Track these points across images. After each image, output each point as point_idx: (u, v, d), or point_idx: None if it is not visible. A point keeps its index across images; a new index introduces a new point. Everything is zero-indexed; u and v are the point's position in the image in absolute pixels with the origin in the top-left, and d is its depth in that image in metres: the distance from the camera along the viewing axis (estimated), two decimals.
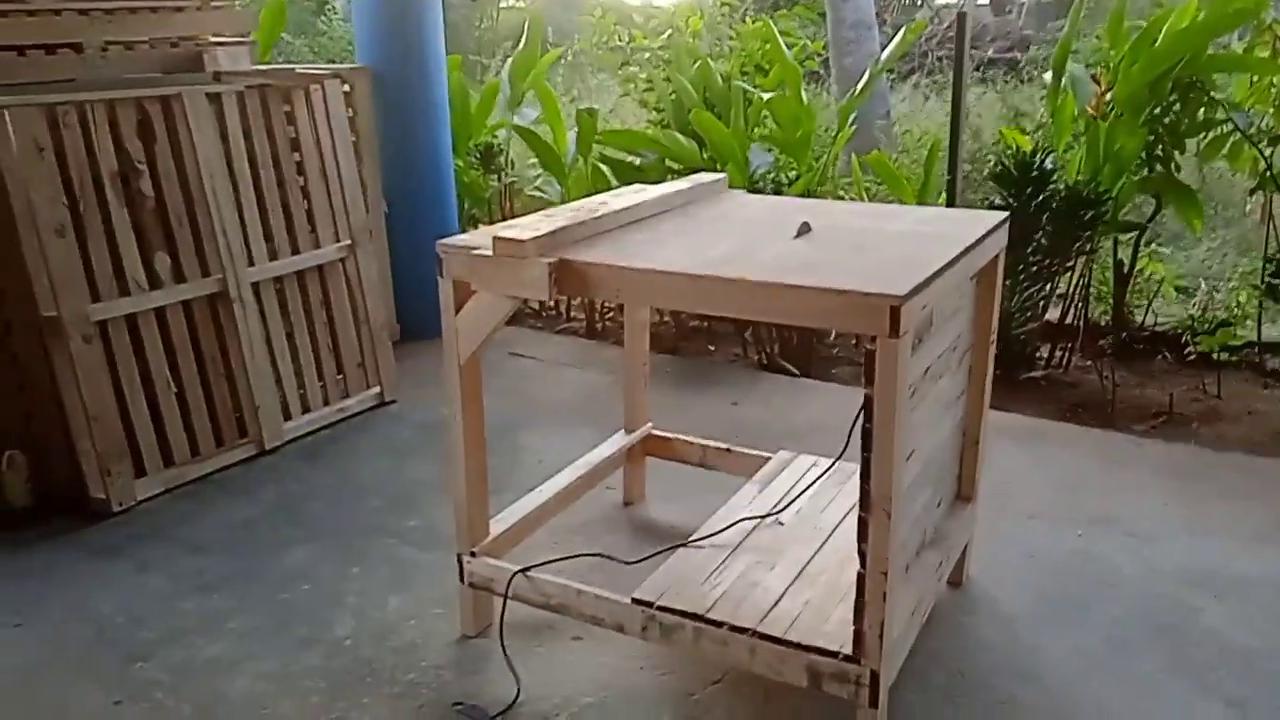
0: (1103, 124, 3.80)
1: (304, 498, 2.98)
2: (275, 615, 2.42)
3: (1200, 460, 3.19)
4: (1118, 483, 3.02)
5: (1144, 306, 4.28)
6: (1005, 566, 2.55)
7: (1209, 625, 2.31)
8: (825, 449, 2.75)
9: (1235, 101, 3.85)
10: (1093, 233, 3.78)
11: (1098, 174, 3.79)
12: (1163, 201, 3.98)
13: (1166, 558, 2.59)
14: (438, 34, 4.09)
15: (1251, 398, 3.79)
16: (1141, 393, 3.85)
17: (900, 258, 1.90)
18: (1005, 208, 3.74)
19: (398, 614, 2.41)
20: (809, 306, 1.73)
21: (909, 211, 2.39)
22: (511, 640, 2.24)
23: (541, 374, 3.97)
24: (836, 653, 1.87)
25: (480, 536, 2.29)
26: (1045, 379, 3.94)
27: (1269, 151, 3.79)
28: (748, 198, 2.60)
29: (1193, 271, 4.80)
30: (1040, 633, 2.29)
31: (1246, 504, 2.87)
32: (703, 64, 4.15)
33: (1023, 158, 3.70)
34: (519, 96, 4.85)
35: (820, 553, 2.23)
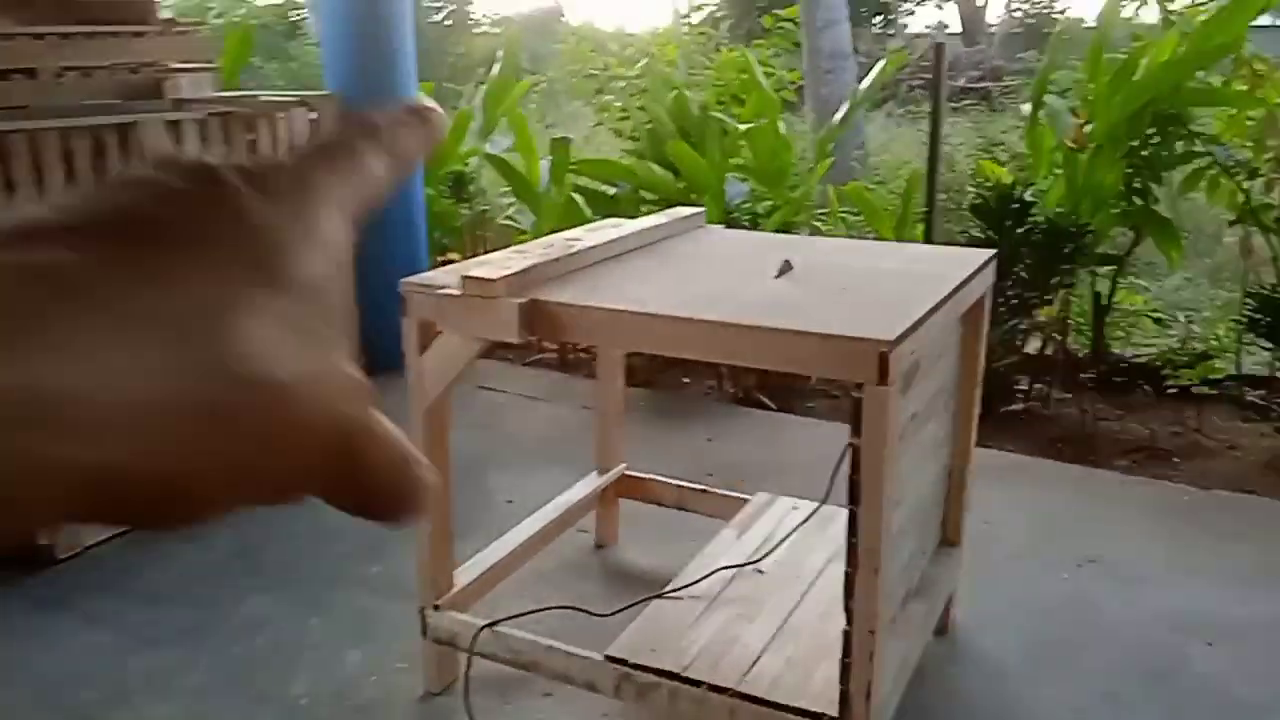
0: (1082, 156, 3.76)
1: (264, 543, 2.85)
2: (229, 671, 2.29)
3: (1185, 498, 3.13)
4: (1102, 521, 2.96)
5: (1122, 338, 4.25)
6: (991, 612, 2.47)
7: (1204, 674, 2.24)
8: (804, 489, 2.66)
9: (1214, 135, 3.83)
10: (1073, 265, 3.73)
11: (1077, 206, 3.75)
12: (1141, 234, 3.94)
13: (1156, 601, 2.52)
14: (409, 60, 4.01)
15: (1232, 432, 3.74)
16: (1122, 426, 3.79)
17: (887, 299, 1.82)
18: (985, 241, 3.69)
19: (358, 669, 2.29)
20: (792, 352, 1.65)
21: (894, 249, 2.32)
22: (478, 697, 2.12)
23: (511, 408, 3.86)
24: (821, 715, 1.77)
25: (444, 588, 2.18)
26: (1025, 412, 3.88)
27: (1247, 185, 3.77)
28: (726, 233, 2.52)
29: (1169, 303, 4.77)
30: (1031, 685, 2.21)
31: (1234, 544, 2.81)
32: (679, 94, 4.09)
33: (1003, 190, 3.65)
34: (492, 124, 4.77)
35: (802, 604, 2.13)
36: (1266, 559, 2.73)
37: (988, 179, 3.88)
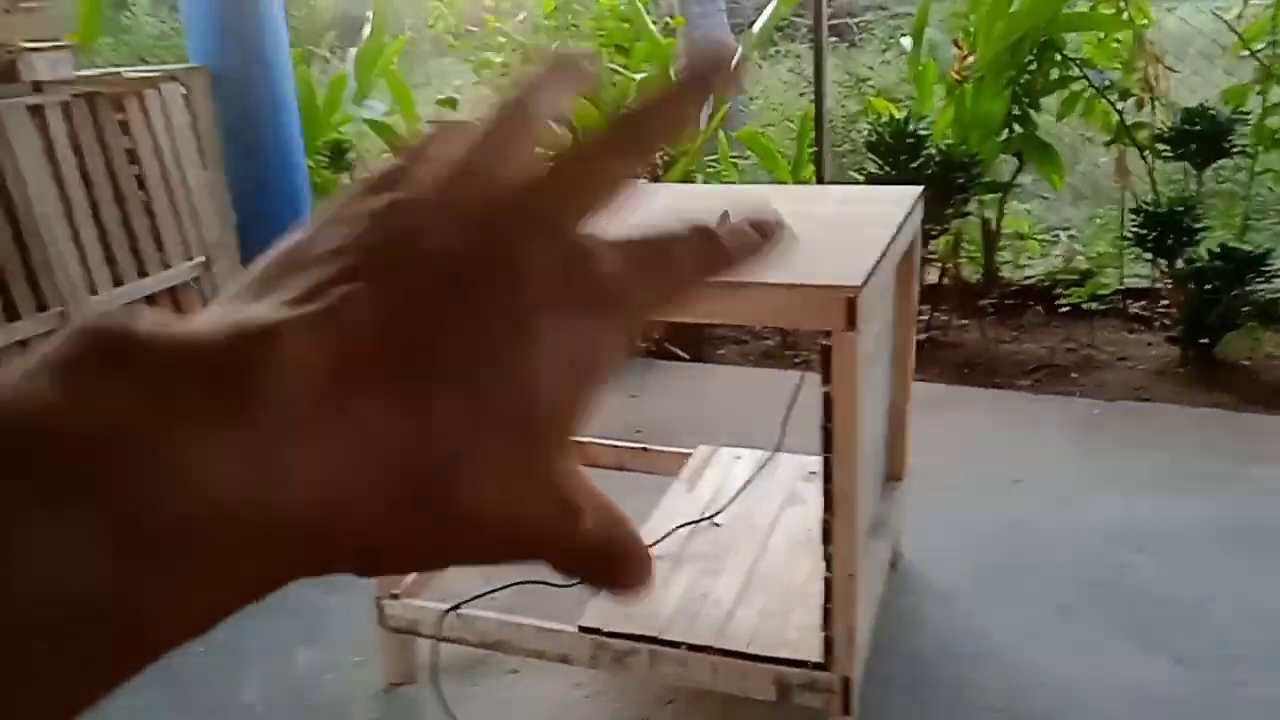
0: (967, 88, 3.84)
1: None
2: (170, 687, 2.17)
3: (1092, 411, 3.27)
4: (1021, 442, 3.06)
5: (1011, 263, 4.39)
6: (934, 542, 2.53)
7: (1140, 580, 2.35)
8: (736, 437, 2.67)
9: (1086, 59, 3.96)
10: (966, 195, 3.82)
11: (966, 137, 3.83)
12: (1024, 160, 4.06)
13: (1085, 515, 2.62)
14: (279, 26, 3.79)
15: (1121, 344, 3.92)
16: (1020, 347, 3.93)
17: (837, 244, 1.81)
18: (883, 176, 3.74)
19: (311, 668, 2.20)
20: (760, 305, 1.62)
21: (820, 193, 2.32)
22: (443, 682, 2.07)
23: None
24: (805, 662, 1.78)
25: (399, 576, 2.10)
26: (928, 342, 3.97)
27: (1120, 106, 3.91)
28: (652, 187, 2.47)
29: (1049, 224, 4.95)
30: (983, 609, 2.28)
31: (1146, 451, 2.95)
32: (562, 45, 3.99)
33: (897, 126, 3.69)
34: (366, 88, 4.58)
35: (765, 553, 2.14)
36: (1174, 463, 2.87)
37: (879, 115, 3.92)
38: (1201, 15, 4.32)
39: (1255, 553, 2.42)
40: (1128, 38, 3.89)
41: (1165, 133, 3.68)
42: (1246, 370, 3.52)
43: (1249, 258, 3.36)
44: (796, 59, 7.74)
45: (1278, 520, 2.54)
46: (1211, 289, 3.43)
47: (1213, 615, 2.21)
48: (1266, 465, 2.82)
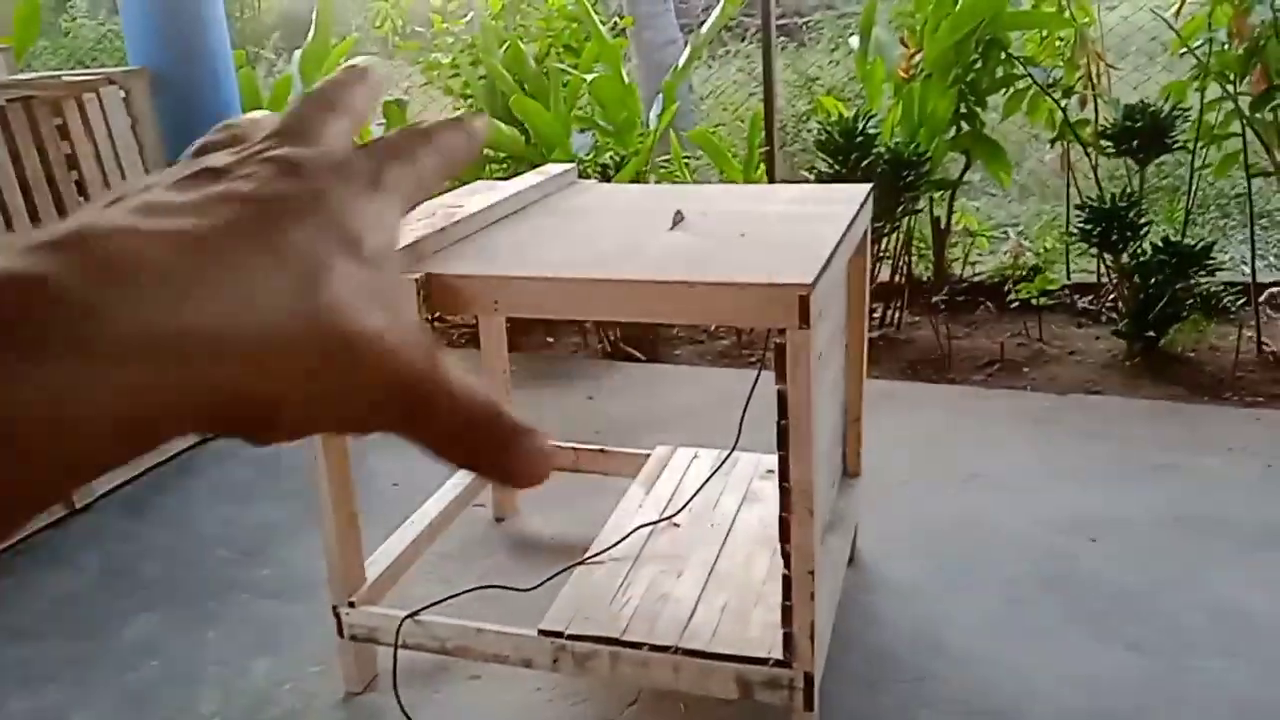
0: (915, 86, 3.88)
1: (135, 558, 2.66)
2: (126, 701, 2.13)
3: (1044, 404, 3.32)
4: (975, 436, 3.10)
5: (961, 259, 4.44)
6: (892, 537, 2.55)
7: (1092, 570, 2.38)
8: (694, 437, 2.68)
9: (1030, 57, 4.02)
10: (915, 193, 3.86)
11: (915, 135, 3.87)
12: (972, 157, 4.11)
13: (1038, 507, 2.66)
14: (221, 27, 3.73)
15: (1070, 338, 3.98)
16: (971, 343, 3.98)
17: (789, 242, 1.82)
18: (833, 175, 3.77)
19: (269, 679, 2.17)
20: (713, 304, 1.63)
21: (770, 191, 2.33)
22: (403, 690, 2.04)
23: None
24: (767, 659, 1.79)
25: (356, 584, 2.08)
26: (881, 339, 4.01)
27: (1064, 103, 3.97)
28: (604, 187, 2.47)
29: (999, 221, 5.02)
30: (941, 602, 2.30)
31: (1096, 443, 3.00)
32: (512, 46, 3.97)
33: (846, 124, 3.72)
34: None
35: (724, 552, 2.14)
36: (1125, 454, 2.92)
37: (829, 114, 3.95)
38: (1141, 13, 4.40)
39: (1204, 540, 2.47)
40: (1070, 36, 3.95)
41: (1108, 129, 3.74)
42: (1191, 362, 3.59)
43: (1191, 251, 3.43)
44: (746, 59, 7.78)
45: (1225, 508, 2.60)
46: (1156, 283, 3.50)
47: (1163, 603, 2.25)
48: (1213, 454, 2.88)
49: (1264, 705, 1.94)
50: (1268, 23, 3.35)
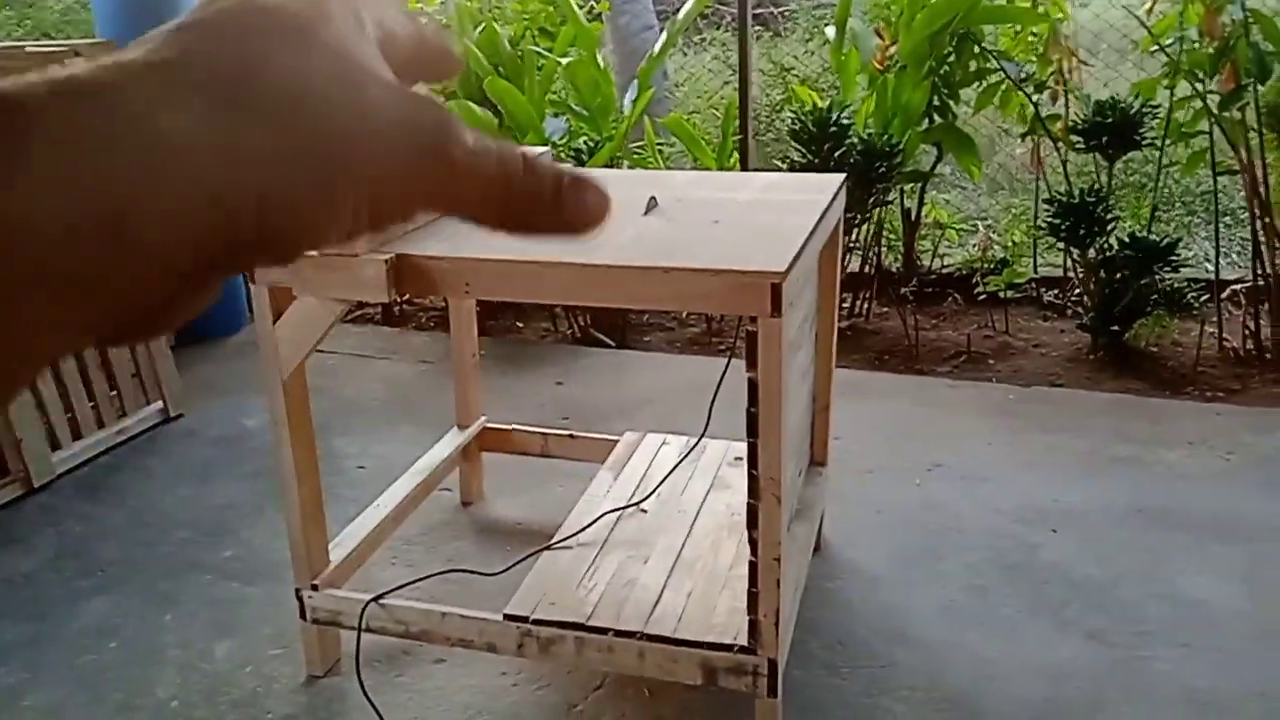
0: (889, 77, 3.88)
1: (92, 539, 2.62)
2: (82, 683, 2.10)
3: (1009, 397, 3.34)
4: (940, 427, 3.12)
5: (931, 251, 4.46)
6: (856, 526, 2.57)
7: (1053, 560, 2.41)
8: (663, 423, 2.68)
9: (1003, 51, 4.04)
10: (887, 184, 3.87)
11: (888, 126, 3.88)
12: (944, 150, 4.13)
13: (1001, 497, 2.68)
14: (190, 1, 3.67)
15: (1036, 331, 4.02)
16: (939, 334, 4.00)
17: (762, 230, 1.81)
18: (806, 165, 3.77)
19: (229, 662, 2.15)
20: (684, 290, 1.62)
21: (744, 179, 2.32)
22: (366, 673, 2.03)
23: (345, 369, 3.68)
24: (731, 645, 1.79)
25: (320, 567, 2.06)
26: (850, 329, 4.03)
27: (1036, 98, 4.00)
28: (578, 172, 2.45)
29: (969, 214, 5.05)
30: (904, 589, 2.32)
31: (1059, 435, 3.03)
32: (487, 28, 3.93)
33: (820, 115, 3.72)
34: None
35: (691, 538, 2.14)
36: (1087, 446, 2.95)
37: (803, 104, 3.95)
38: (1114, 10, 4.43)
39: (1162, 532, 2.50)
40: (1043, 31, 3.97)
41: (1078, 125, 3.77)
42: (1155, 356, 3.64)
43: (1157, 247, 3.47)
44: (722, 47, 7.76)
45: (1183, 501, 2.64)
46: (1121, 278, 3.53)
47: (1122, 593, 2.28)
48: (1173, 448, 2.92)
49: (1220, 695, 1.97)
50: (1238, 22, 3.38)
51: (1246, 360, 3.56)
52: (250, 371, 3.08)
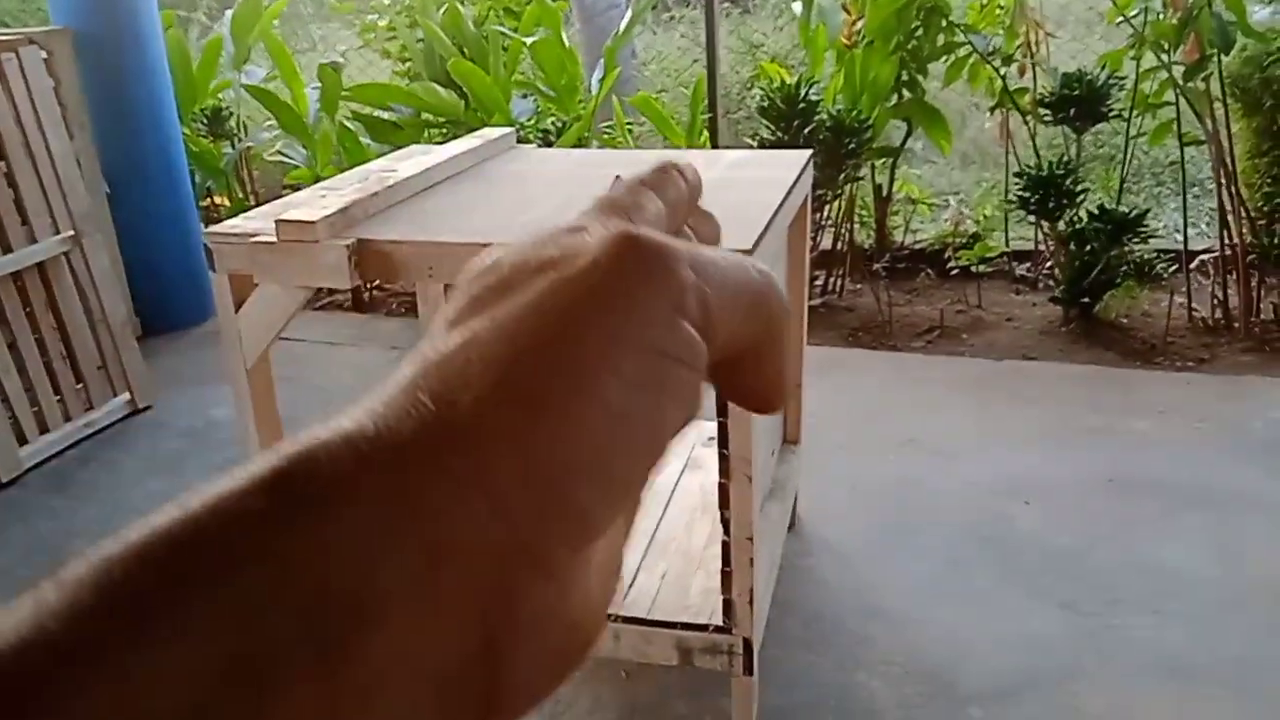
0: (857, 53, 3.87)
1: (62, 536, 2.58)
2: None
3: (982, 370, 3.35)
4: (913, 401, 3.13)
5: (902, 227, 4.47)
6: (830, 502, 2.57)
7: (1027, 531, 2.42)
8: None
9: (970, 25, 4.03)
10: (857, 160, 3.86)
11: (857, 102, 3.87)
12: (914, 125, 4.12)
13: (974, 470, 2.69)
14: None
15: (1008, 304, 4.03)
16: (911, 310, 4.01)
17: (729, 207, 1.80)
18: (775, 142, 3.76)
19: None
20: None
21: (712, 156, 2.30)
22: None
23: (315, 357, 3.65)
24: (706, 625, 1.79)
25: None
26: (823, 306, 4.03)
27: (1003, 71, 3.99)
28: (543, 152, 2.43)
29: (940, 189, 5.05)
30: (879, 566, 2.32)
31: (1031, 408, 3.04)
32: (450, 8, 3.89)
33: (788, 91, 3.71)
34: (244, 53, 4.40)
35: (664, 519, 2.14)
36: (1058, 418, 2.97)
37: (772, 81, 3.93)
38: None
39: (1134, 501, 2.52)
40: (1010, 3, 3.97)
41: (1046, 97, 3.77)
42: (1125, 328, 3.66)
43: (1126, 219, 3.48)
44: (691, 24, 7.72)
45: (1155, 470, 2.65)
46: (1091, 250, 3.55)
47: (1095, 562, 2.29)
48: (1144, 418, 2.94)
49: (1192, 660, 1.99)
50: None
51: (1215, 329, 3.59)
52: (217, 361, 3.05)
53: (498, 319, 0.25)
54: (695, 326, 0.25)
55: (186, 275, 3.71)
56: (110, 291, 3.21)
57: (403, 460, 0.22)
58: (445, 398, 0.23)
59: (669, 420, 0.25)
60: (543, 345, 0.24)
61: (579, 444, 0.23)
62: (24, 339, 2.94)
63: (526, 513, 0.23)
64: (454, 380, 0.24)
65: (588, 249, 0.25)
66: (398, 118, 3.98)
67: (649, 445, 0.25)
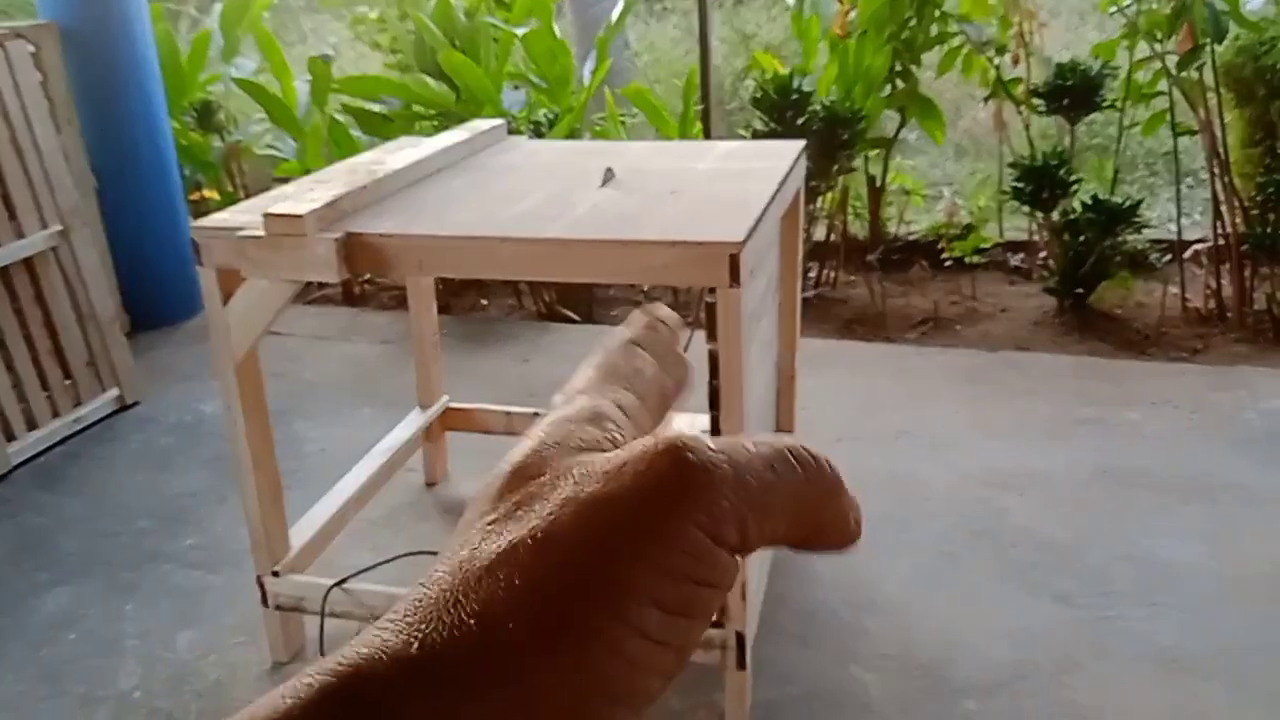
0: (850, 44, 3.85)
1: (50, 530, 2.57)
2: (42, 675, 2.06)
3: (976, 362, 3.34)
4: (908, 394, 3.12)
5: (896, 218, 4.45)
6: None
7: (1021, 524, 2.41)
8: None
9: (963, 15, 4.01)
10: (851, 151, 3.85)
11: (850, 92, 3.85)
12: (907, 115, 4.11)
13: (968, 463, 2.68)
14: None
15: (1002, 295, 4.02)
16: (906, 301, 4.00)
17: (720, 199, 1.79)
18: (769, 132, 3.74)
19: (192, 651, 2.11)
20: (642, 263, 1.59)
21: (704, 148, 2.29)
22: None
23: (304, 351, 3.63)
24: None
25: (281, 553, 2.03)
26: (817, 298, 4.01)
27: (997, 61, 3.98)
28: (533, 144, 2.41)
29: (934, 180, 5.04)
30: (873, 559, 2.31)
31: (1025, 400, 3.03)
32: (441, 0, 3.86)
33: (781, 82, 3.69)
34: (234, 46, 4.37)
35: None
36: (1053, 409, 2.96)
37: (765, 71, 3.91)
38: None
39: (1128, 493, 2.51)
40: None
41: (1039, 88, 3.76)
42: (1119, 318, 3.65)
43: (1119, 209, 3.47)
44: (684, 15, 7.69)
45: (1148, 461, 2.65)
46: (1085, 240, 3.54)
47: (1089, 554, 2.29)
48: (1137, 409, 2.93)
49: (1187, 652, 1.98)
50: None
51: (1209, 319, 3.58)
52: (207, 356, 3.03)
53: (539, 534, 0.25)
54: (732, 549, 0.26)
55: (175, 270, 3.69)
56: (98, 286, 3.19)
57: (450, 685, 0.23)
58: (488, 620, 0.24)
59: (696, 636, 0.26)
60: (587, 574, 0.25)
61: (616, 671, 0.24)
62: (11, 335, 2.92)
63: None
64: (497, 604, 0.24)
65: (634, 463, 0.26)
66: (388, 110, 3.96)
67: (677, 661, 0.26)
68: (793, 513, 0.28)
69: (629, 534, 0.25)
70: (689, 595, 0.25)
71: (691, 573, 0.25)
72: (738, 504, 0.26)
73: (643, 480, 0.26)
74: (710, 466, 0.26)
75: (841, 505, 0.30)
